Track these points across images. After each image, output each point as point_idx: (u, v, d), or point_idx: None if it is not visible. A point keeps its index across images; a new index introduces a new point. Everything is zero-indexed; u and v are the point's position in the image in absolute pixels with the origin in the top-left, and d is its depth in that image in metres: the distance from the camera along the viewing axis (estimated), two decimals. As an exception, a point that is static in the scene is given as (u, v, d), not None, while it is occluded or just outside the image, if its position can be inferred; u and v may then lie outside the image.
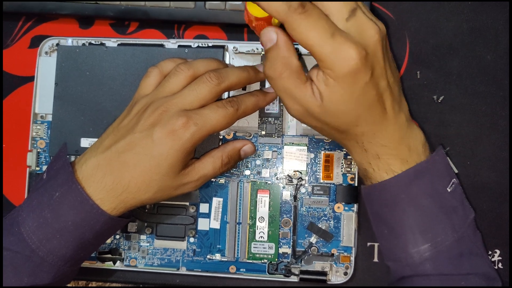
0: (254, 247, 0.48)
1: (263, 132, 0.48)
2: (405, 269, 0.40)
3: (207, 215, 0.48)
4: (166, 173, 0.40)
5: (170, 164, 0.40)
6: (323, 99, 0.37)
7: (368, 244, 0.48)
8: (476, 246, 0.41)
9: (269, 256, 0.47)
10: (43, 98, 0.50)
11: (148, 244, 0.49)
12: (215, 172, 0.44)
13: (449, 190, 0.41)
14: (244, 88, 0.48)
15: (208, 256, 0.48)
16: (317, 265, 0.47)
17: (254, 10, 0.38)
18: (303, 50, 0.47)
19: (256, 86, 0.48)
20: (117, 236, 0.49)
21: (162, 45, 0.49)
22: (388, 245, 0.42)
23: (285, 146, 0.48)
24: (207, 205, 0.48)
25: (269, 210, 0.48)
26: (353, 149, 0.41)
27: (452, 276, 0.39)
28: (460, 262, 0.40)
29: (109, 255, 0.49)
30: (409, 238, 0.40)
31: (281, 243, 0.48)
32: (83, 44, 0.50)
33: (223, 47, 0.49)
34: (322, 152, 0.48)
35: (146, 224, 0.49)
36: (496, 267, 0.47)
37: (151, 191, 0.41)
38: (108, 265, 0.49)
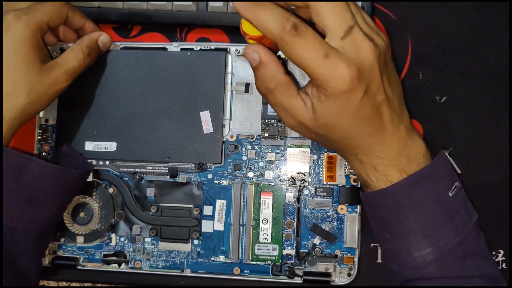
0: (258, 249, 0.48)
1: (266, 134, 0.48)
2: (409, 272, 0.40)
3: (211, 217, 0.49)
4: (26, 70, 0.42)
5: (23, 60, 0.41)
6: (316, 112, 0.38)
7: (372, 245, 0.48)
8: (479, 247, 0.41)
9: (273, 258, 0.48)
10: (47, 102, 0.50)
11: (152, 247, 0.49)
12: (80, 64, 0.45)
13: (451, 194, 0.41)
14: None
15: (212, 258, 0.48)
16: (320, 266, 0.47)
17: (249, 28, 0.38)
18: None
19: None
20: (122, 239, 0.49)
21: (165, 48, 0.50)
22: (390, 249, 0.42)
23: (288, 148, 0.48)
24: (210, 207, 0.49)
25: (272, 212, 0.48)
26: (350, 160, 0.42)
27: (456, 279, 0.39)
28: (464, 264, 0.40)
29: (114, 258, 0.49)
30: (412, 242, 0.40)
31: (284, 245, 0.48)
32: (87, 48, 0.50)
33: (225, 49, 0.49)
34: (325, 153, 0.48)
35: (150, 226, 0.49)
36: (499, 268, 0.47)
37: (23, 93, 0.42)
38: (113, 267, 0.49)
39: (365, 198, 0.43)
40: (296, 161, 0.48)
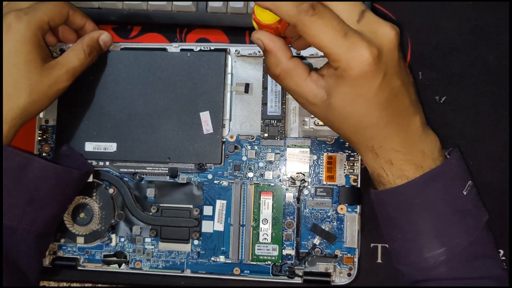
0: (258, 249, 0.48)
1: (266, 135, 0.48)
2: (418, 273, 0.39)
3: (211, 218, 0.49)
4: (27, 70, 0.42)
5: (24, 59, 0.42)
6: (330, 96, 0.37)
7: (372, 245, 0.48)
8: (489, 248, 0.40)
9: (273, 258, 0.48)
10: (47, 103, 0.50)
11: (152, 247, 0.49)
12: (81, 63, 0.45)
13: (465, 193, 0.40)
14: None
15: (212, 258, 0.48)
16: (320, 267, 0.47)
17: (262, 15, 0.38)
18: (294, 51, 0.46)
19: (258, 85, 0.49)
20: (122, 239, 0.49)
21: (164, 49, 0.50)
22: (400, 249, 0.41)
23: (287, 148, 0.48)
24: (210, 207, 0.49)
25: (272, 212, 0.48)
26: (364, 154, 0.40)
27: (466, 280, 0.38)
28: (474, 266, 0.39)
29: (115, 258, 0.49)
30: (425, 242, 0.39)
31: (284, 245, 0.48)
32: (87, 49, 0.50)
33: (225, 50, 0.49)
34: (325, 154, 0.48)
35: (150, 227, 0.49)
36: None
37: (24, 93, 0.42)
38: (114, 267, 0.49)
39: (376, 197, 0.41)
40: (296, 161, 0.48)
